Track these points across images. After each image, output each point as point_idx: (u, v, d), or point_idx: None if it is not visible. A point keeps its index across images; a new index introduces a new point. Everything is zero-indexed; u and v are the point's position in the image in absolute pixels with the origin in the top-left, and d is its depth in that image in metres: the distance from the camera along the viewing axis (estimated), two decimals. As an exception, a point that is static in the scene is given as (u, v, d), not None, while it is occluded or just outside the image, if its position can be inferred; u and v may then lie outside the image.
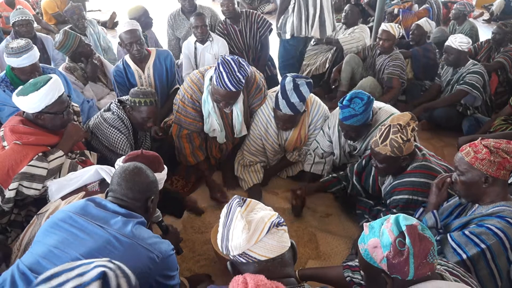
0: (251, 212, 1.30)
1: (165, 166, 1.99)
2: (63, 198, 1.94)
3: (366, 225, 1.33)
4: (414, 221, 1.25)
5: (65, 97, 2.29)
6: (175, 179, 3.11)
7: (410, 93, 4.35)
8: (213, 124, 2.85)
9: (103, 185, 1.95)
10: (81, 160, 2.40)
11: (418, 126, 3.82)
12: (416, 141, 2.65)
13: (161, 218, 2.01)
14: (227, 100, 2.64)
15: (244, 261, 1.26)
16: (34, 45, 2.80)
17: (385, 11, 5.73)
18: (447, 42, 3.75)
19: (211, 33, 3.93)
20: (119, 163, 1.92)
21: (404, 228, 1.22)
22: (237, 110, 2.81)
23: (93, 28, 4.62)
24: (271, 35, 4.29)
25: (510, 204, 1.66)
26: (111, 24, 7.12)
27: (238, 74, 2.49)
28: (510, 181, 2.17)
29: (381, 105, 2.75)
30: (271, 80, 4.19)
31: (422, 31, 4.57)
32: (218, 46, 3.90)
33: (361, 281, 1.68)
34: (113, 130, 2.62)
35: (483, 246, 1.59)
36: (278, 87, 2.78)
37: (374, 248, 1.26)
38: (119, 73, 3.28)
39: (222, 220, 1.31)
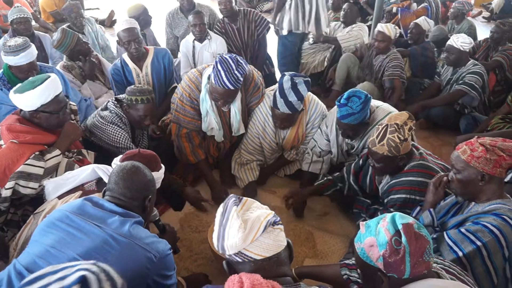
0: (247, 211, 1.29)
1: (162, 165, 1.99)
2: (60, 197, 1.94)
3: (362, 224, 1.34)
4: (410, 219, 1.25)
5: (62, 97, 2.28)
6: (173, 178, 3.10)
7: (409, 91, 4.35)
8: (211, 122, 2.84)
9: (100, 184, 1.95)
10: (78, 159, 2.39)
11: (416, 125, 3.84)
12: (413, 140, 2.65)
13: (158, 217, 2.01)
14: (225, 99, 2.64)
15: (240, 260, 1.26)
16: (31, 43, 2.79)
17: (383, 10, 5.73)
18: (449, 42, 3.74)
19: (210, 32, 3.93)
20: (116, 162, 1.92)
21: (400, 227, 1.22)
22: (235, 108, 2.80)
23: (91, 27, 4.61)
24: (269, 34, 4.28)
25: (506, 202, 1.67)
26: (109, 22, 7.10)
27: (236, 72, 2.48)
28: (507, 179, 2.19)
29: (379, 103, 2.74)
30: (269, 78, 4.18)
31: (420, 30, 4.56)
32: (217, 44, 3.90)
33: (358, 279, 1.68)
34: (112, 126, 2.61)
35: (478, 243, 1.60)
36: (276, 85, 2.77)
37: (371, 247, 1.26)
38: (117, 71, 3.27)
39: (218, 219, 1.31)
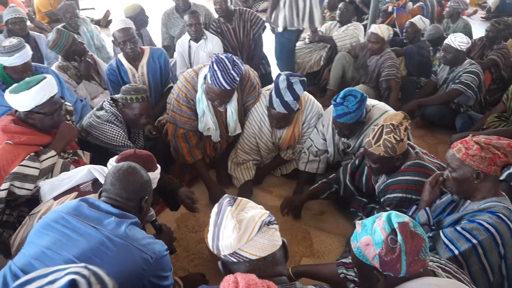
0: (242, 211, 1.29)
1: (158, 166, 1.99)
2: (55, 198, 1.93)
3: (358, 223, 1.34)
4: (406, 218, 1.25)
5: (57, 98, 2.27)
6: (169, 179, 3.09)
7: (405, 90, 4.36)
8: (207, 122, 2.84)
9: (96, 185, 1.94)
10: (74, 160, 2.38)
11: (412, 124, 3.86)
12: (409, 139, 2.66)
13: (154, 217, 2.00)
14: (222, 99, 2.64)
15: (235, 260, 1.25)
16: (26, 44, 2.78)
17: (379, 9, 5.74)
18: (446, 41, 3.73)
19: (205, 31, 3.92)
20: (112, 162, 1.91)
21: (396, 226, 1.22)
22: (231, 108, 2.80)
23: (86, 27, 4.60)
24: (265, 33, 4.28)
25: (501, 200, 1.67)
26: (105, 22, 7.07)
27: (233, 72, 2.48)
28: (502, 177, 2.20)
29: (375, 102, 2.75)
30: (265, 78, 4.18)
31: (416, 29, 4.58)
32: (212, 44, 3.89)
33: (355, 278, 1.69)
34: (109, 125, 2.60)
35: (474, 241, 1.60)
36: (272, 85, 2.77)
37: (367, 246, 1.26)
38: (112, 71, 3.26)
39: (212, 219, 1.30)
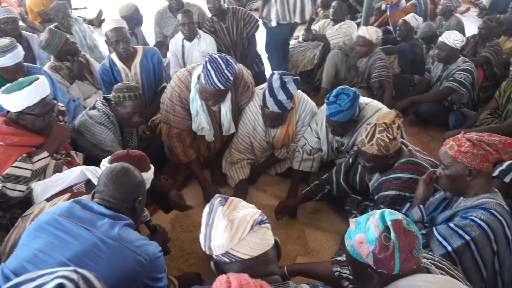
0: (234, 211, 1.28)
1: (151, 166, 1.98)
2: (48, 199, 1.92)
3: (352, 221, 1.34)
4: (399, 216, 1.26)
5: (49, 100, 2.25)
6: (163, 178, 3.09)
7: (398, 88, 4.38)
8: (201, 122, 2.83)
9: (89, 186, 1.93)
10: (67, 160, 2.36)
11: (406, 121, 3.87)
12: (403, 137, 2.67)
13: (149, 217, 1.99)
14: (216, 99, 2.63)
15: (227, 260, 1.25)
16: (18, 44, 2.76)
17: (372, 7, 5.75)
18: (440, 38, 3.74)
19: (199, 31, 3.91)
20: (105, 163, 1.90)
21: (389, 223, 1.23)
22: (225, 108, 2.80)
23: (79, 26, 4.57)
24: (258, 32, 4.28)
25: (493, 196, 1.68)
26: (97, 22, 7.03)
27: (226, 71, 2.47)
28: (495, 174, 2.21)
29: (368, 100, 2.76)
30: (259, 77, 4.17)
31: (409, 27, 4.60)
32: (206, 43, 3.88)
33: (350, 276, 1.69)
34: (99, 127, 2.58)
35: (467, 238, 1.61)
36: (266, 84, 2.77)
37: (360, 244, 1.27)
38: (105, 71, 3.25)
39: (204, 219, 1.29)
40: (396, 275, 1.23)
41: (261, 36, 4.47)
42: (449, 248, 1.64)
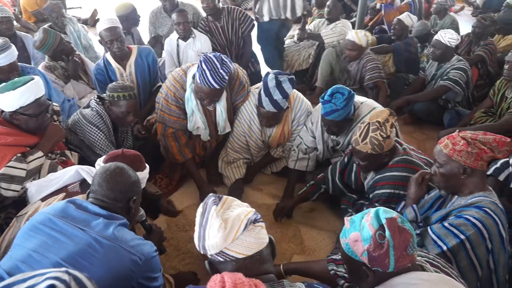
0: (228, 210, 1.28)
1: (147, 165, 1.98)
2: (43, 199, 1.91)
3: (347, 219, 1.34)
4: (393, 214, 1.26)
5: (43, 101, 2.24)
6: (159, 178, 3.08)
7: (393, 87, 4.39)
8: (197, 122, 2.83)
9: (84, 185, 1.93)
10: (62, 160, 2.35)
11: (401, 120, 3.88)
12: (398, 136, 2.68)
13: (144, 217, 1.99)
14: (211, 98, 2.62)
15: (221, 259, 1.25)
16: (12, 44, 2.75)
17: (367, 6, 5.76)
18: (436, 37, 3.75)
19: (194, 30, 3.90)
20: (100, 163, 1.89)
21: (384, 221, 1.23)
22: (220, 107, 2.80)
23: (73, 26, 4.55)
24: (254, 31, 4.28)
25: (488, 195, 1.69)
26: (92, 21, 6.99)
27: (221, 71, 2.47)
28: (489, 172, 2.23)
29: (363, 99, 2.76)
30: (254, 76, 4.17)
31: (403, 26, 4.61)
32: (201, 43, 3.87)
33: (345, 274, 1.70)
34: (91, 127, 2.57)
35: (462, 237, 1.61)
36: (261, 83, 2.77)
37: (355, 242, 1.27)
38: (100, 71, 3.23)
39: (198, 219, 1.29)
40: (391, 273, 1.24)
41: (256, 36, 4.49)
42: (444, 248, 1.64)
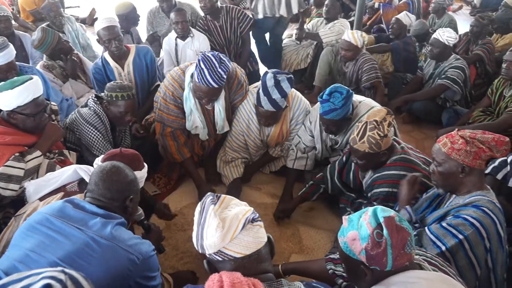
0: (226, 209, 1.28)
1: (145, 164, 1.97)
2: (41, 199, 1.91)
3: (345, 218, 1.34)
4: (391, 212, 1.26)
5: (41, 100, 2.24)
6: (157, 177, 3.09)
7: (392, 86, 4.40)
8: (195, 121, 2.83)
9: (82, 185, 1.92)
10: (60, 160, 2.35)
11: (399, 119, 3.89)
12: (396, 135, 2.68)
13: (143, 216, 1.99)
14: (210, 97, 2.62)
15: (220, 259, 1.24)
16: (10, 43, 2.75)
17: (366, 5, 5.76)
18: (434, 35, 3.76)
19: (192, 29, 3.89)
20: (98, 162, 1.89)
21: (381, 220, 1.23)
22: (219, 106, 2.79)
23: (71, 25, 4.54)
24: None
25: (485, 194, 1.69)
26: (90, 20, 6.98)
27: (220, 70, 2.47)
28: (487, 171, 2.23)
29: (361, 98, 2.76)
30: (253, 75, 4.17)
31: (401, 25, 4.62)
32: (199, 42, 3.86)
33: (343, 274, 1.70)
34: (89, 127, 2.57)
35: (460, 237, 1.61)
36: (259, 82, 2.77)
37: (353, 241, 1.27)
38: (98, 70, 3.23)
39: (196, 218, 1.29)
40: (389, 271, 1.24)
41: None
42: (443, 248, 1.64)
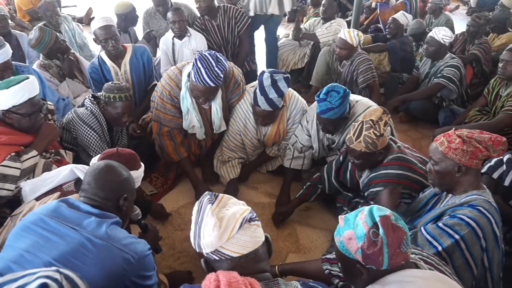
0: (223, 208, 1.27)
1: (142, 164, 1.97)
2: (37, 199, 1.90)
3: (341, 217, 1.34)
4: (387, 211, 1.26)
5: (36, 100, 2.23)
6: (154, 177, 3.09)
7: (388, 86, 4.41)
8: (192, 120, 2.82)
9: (79, 184, 1.90)
10: (56, 159, 2.34)
11: (396, 119, 3.89)
12: (393, 134, 2.69)
13: (140, 216, 1.98)
14: (207, 96, 2.62)
15: (217, 258, 1.24)
16: (6, 42, 2.73)
17: (363, 5, 5.77)
18: (430, 33, 3.79)
19: (189, 29, 3.89)
20: (95, 161, 1.89)
21: (377, 219, 1.23)
22: (216, 105, 2.79)
23: (68, 25, 4.54)
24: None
25: (481, 193, 1.70)
26: (87, 20, 6.97)
27: (216, 69, 2.47)
28: (484, 170, 2.24)
29: (358, 98, 2.77)
30: (250, 75, 4.16)
31: (398, 25, 4.63)
32: (196, 41, 3.86)
33: (339, 273, 1.70)
34: (85, 128, 2.56)
35: (456, 236, 1.62)
36: (256, 82, 2.77)
37: (349, 240, 1.27)
38: (94, 69, 3.21)
39: (193, 217, 1.29)
40: (385, 270, 1.24)
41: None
42: (439, 248, 1.65)
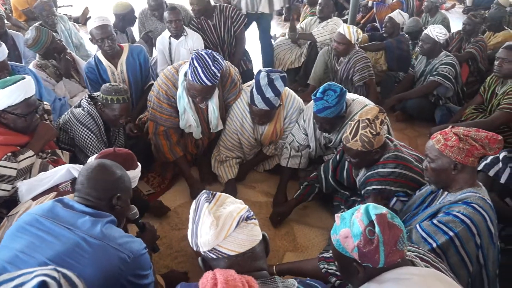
0: (220, 207, 1.28)
1: (139, 164, 1.97)
2: (34, 199, 1.89)
3: (337, 216, 1.34)
4: (383, 210, 1.27)
5: (32, 101, 2.22)
6: (151, 176, 3.09)
7: (384, 85, 4.42)
8: (189, 120, 2.82)
9: (75, 184, 1.91)
10: (53, 159, 2.34)
11: (392, 117, 3.90)
12: (390, 132, 2.70)
13: (137, 215, 1.98)
14: (203, 95, 2.62)
15: (214, 256, 1.24)
16: (2, 42, 2.73)
17: (359, 4, 5.78)
18: (425, 31, 3.81)
19: (186, 28, 3.89)
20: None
21: (374, 217, 1.23)
22: (212, 105, 2.79)
23: (64, 25, 4.52)
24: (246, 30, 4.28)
25: (476, 190, 1.70)
26: (83, 20, 6.94)
27: (213, 68, 2.47)
28: (479, 168, 2.25)
29: (355, 96, 2.77)
30: (246, 74, 4.16)
31: (394, 23, 4.64)
32: (193, 41, 3.86)
33: (336, 272, 1.71)
34: (82, 128, 2.56)
35: (451, 233, 1.62)
36: (253, 81, 2.77)
37: (346, 238, 1.27)
38: (91, 69, 3.20)
39: (191, 216, 1.29)
40: (381, 268, 1.24)
41: (250, 34, 4.46)
42: (434, 245, 1.65)
